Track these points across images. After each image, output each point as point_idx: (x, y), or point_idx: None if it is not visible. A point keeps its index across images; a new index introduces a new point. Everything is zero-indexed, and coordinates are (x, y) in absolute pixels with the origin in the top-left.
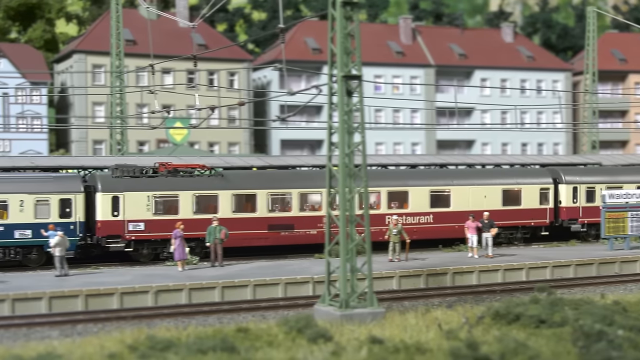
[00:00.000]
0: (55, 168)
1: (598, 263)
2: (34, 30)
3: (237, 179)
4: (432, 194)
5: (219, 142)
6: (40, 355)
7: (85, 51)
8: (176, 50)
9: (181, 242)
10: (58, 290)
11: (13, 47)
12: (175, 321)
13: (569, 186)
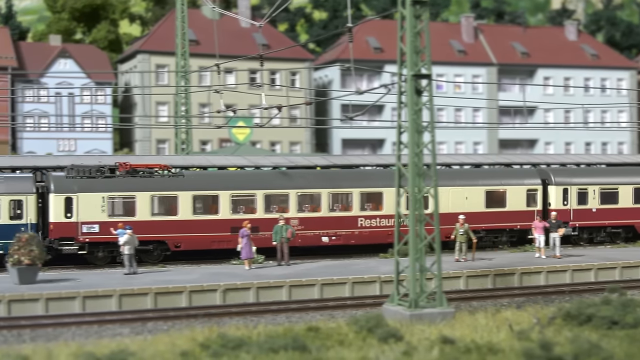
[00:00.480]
0: (12, 168)
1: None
2: (99, 31)
3: (198, 180)
4: (407, 195)
5: (281, 141)
6: (113, 352)
7: (149, 51)
8: (238, 50)
9: (248, 241)
10: (128, 288)
11: (78, 48)
12: (244, 319)
13: (558, 187)
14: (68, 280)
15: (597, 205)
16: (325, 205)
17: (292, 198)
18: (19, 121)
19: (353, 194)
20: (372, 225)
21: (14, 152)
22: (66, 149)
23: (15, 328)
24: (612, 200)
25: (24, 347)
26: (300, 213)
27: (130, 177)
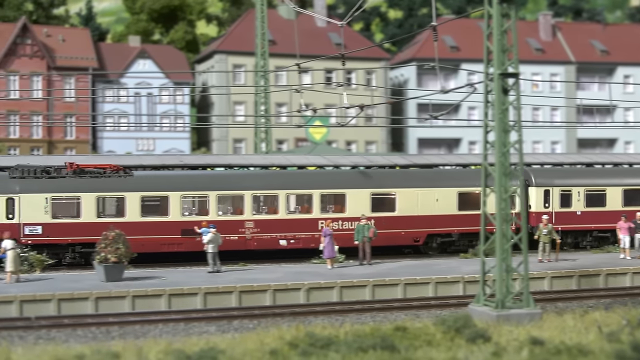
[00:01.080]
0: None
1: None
2: (176, 31)
3: (147, 181)
4: (373, 197)
5: (356, 140)
6: (202, 350)
7: (226, 51)
8: (314, 50)
9: (330, 240)
10: (213, 287)
11: (157, 49)
12: (328, 319)
13: (539, 189)
14: (153, 278)
15: (582, 208)
16: (283, 207)
17: (247, 199)
18: (99, 121)
19: (313, 195)
20: (333, 228)
21: (94, 152)
22: (145, 149)
23: (103, 325)
24: (599, 202)
25: (112, 343)
26: (255, 215)
27: (76, 177)
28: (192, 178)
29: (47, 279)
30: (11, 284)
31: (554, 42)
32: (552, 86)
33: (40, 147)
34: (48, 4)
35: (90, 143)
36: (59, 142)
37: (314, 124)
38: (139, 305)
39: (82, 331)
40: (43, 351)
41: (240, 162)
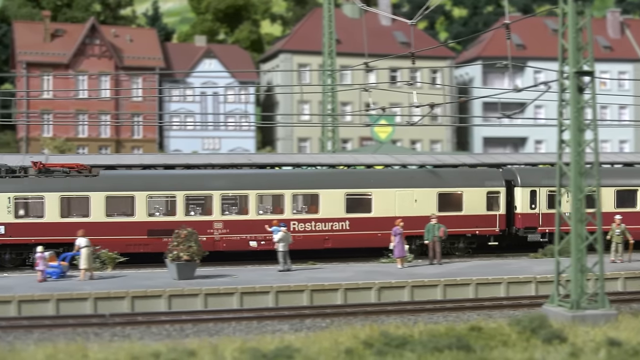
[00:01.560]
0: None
1: None
2: (241, 31)
3: (112, 180)
4: (348, 197)
5: (421, 139)
6: (278, 348)
7: (291, 51)
8: (379, 49)
9: (401, 239)
10: (284, 285)
11: (222, 48)
12: (401, 318)
13: (525, 189)
14: (225, 277)
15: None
16: (254, 208)
17: (216, 200)
18: (165, 120)
19: (285, 195)
20: (306, 229)
21: (161, 150)
22: (211, 148)
23: (177, 323)
24: (590, 203)
25: (187, 341)
26: (224, 216)
27: (40, 177)
28: (159, 178)
29: (119, 276)
30: (85, 281)
31: (623, 39)
32: (620, 84)
33: (108, 146)
34: (115, 4)
35: (157, 142)
36: (127, 141)
37: (380, 123)
38: (211, 304)
39: (157, 329)
40: (119, 348)
41: (309, 160)
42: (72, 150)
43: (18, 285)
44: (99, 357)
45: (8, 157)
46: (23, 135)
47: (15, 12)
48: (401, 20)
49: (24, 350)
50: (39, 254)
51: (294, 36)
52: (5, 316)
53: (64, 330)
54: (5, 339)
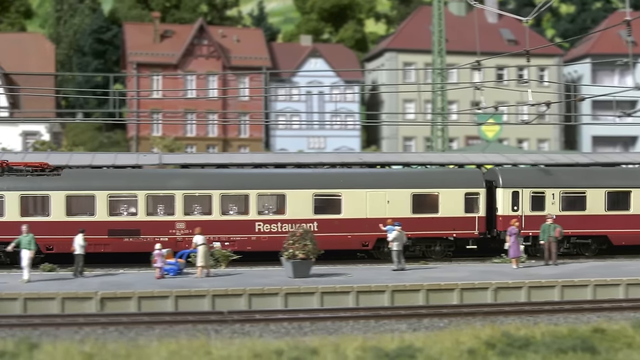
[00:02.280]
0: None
1: None
2: (345, 30)
3: (74, 179)
4: (316, 198)
5: (528, 138)
6: (400, 348)
7: (396, 49)
8: (485, 47)
9: (516, 239)
10: (400, 284)
11: (328, 47)
12: (519, 319)
13: (507, 190)
14: (339, 275)
15: (558, 212)
16: (217, 208)
17: (178, 199)
18: (271, 119)
19: (250, 195)
20: (272, 230)
21: (267, 149)
22: (316, 146)
23: (295, 320)
24: (579, 206)
25: (307, 339)
26: (187, 216)
27: (2, 176)
28: (119, 177)
29: (234, 274)
30: (202, 278)
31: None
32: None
33: (216, 145)
34: (222, 5)
35: (263, 141)
36: (234, 140)
37: (488, 122)
38: (327, 302)
39: (275, 326)
40: (242, 345)
41: (418, 160)
42: (180, 149)
43: (138, 281)
44: (222, 353)
45: (122, 155)
46: (133, 135)
47: (125, 14)
48: (512, 17)
49: (147, 346)
50: (157, 252)
51: (399, 35)
52: (126, 312)
53: (185, 326)
54: (127, 334)
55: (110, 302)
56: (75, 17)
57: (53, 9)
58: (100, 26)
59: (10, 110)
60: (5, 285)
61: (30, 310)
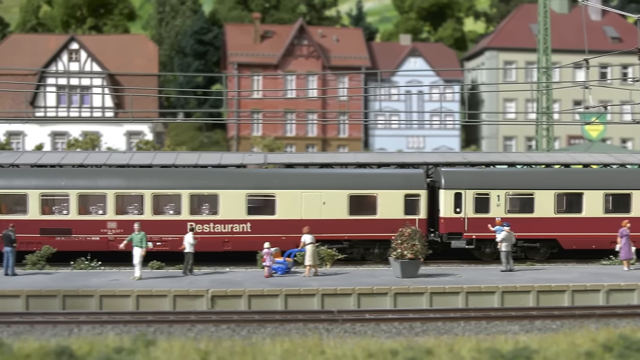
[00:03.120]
0: None
1: None
2: (444, 29)
3: (3, 178)
4: (249, 198)
5: (632, 138)
6: (515, 349)
7: (497, 48)
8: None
9: (627, 241)
10: (510, 285)
11: (427, 47)
12: (634, 322)
13: (449, 192)
14: (448, 276)
15: (504, 214)
16: (149, 208)
17: (110, 199)
18: (370, 119)
19: (182, 195)
20: (204, 231)
21: (366, 149)
22: (415, 146)
23: (406, 320)
24: (526, 208)
25: (419, 339)
26: (119, 215)
27: None
28: (52, 175)
29: (342, 273)
30: (310, 277)
31: None
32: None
33: (315, 145)
34: (320, 5)
35: (362, 141)
36: (333, 139)
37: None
38: (436, 302)
39: (386, 326)
40: (355, 345)
41: (525, 160)
42: (280, 148)
43: (247, 280)
44: (337, 353)
45: (228, 155)
46: (234, 134)
47: (225, 15)
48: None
49: (262, 344)
50: (266, 250)
51: (499, 33)
52: (237, 310)
53: (295, 325)
54: (239, 332)
55: (221, 300)
56: (176, 18)
57: (155, 11)
58: (201, 27)
59: (115, 110)
60: (117, 283)
61: (142, 307)
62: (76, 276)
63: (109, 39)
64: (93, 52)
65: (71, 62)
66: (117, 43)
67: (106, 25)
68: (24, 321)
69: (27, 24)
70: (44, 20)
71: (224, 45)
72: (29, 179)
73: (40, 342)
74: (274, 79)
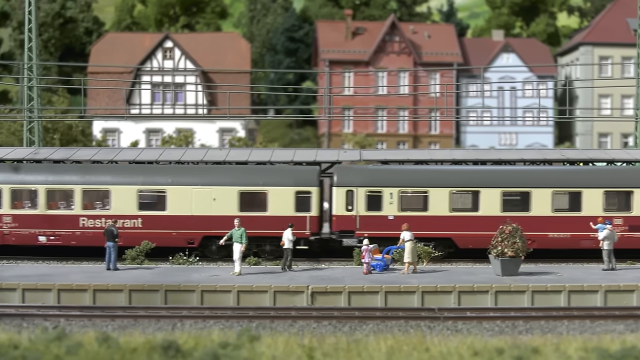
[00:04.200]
0: None
1: None
2: (537, 24)
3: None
4: (140, 194)
5: None
6: (624, 349)
7: (592, 43)
8: None
9: None
10: (613, 284)
11: (520, 42)
12: None
13: (341, 189)
14: (548, 274)
15: (396, 212)
16: (43, 202)
17: (5, 193)
18: (462, 115)
19: (75, 190)
20: (96, 225)
21: (457, 146)
22: (507, 143)
23: (508, 319)
24: (420, 206)
25: (523, 338)
26: (14, 210)
27: None
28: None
29: (440, 270)
30: (409, 274)
31: None
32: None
33: (406, 142)
34: (411, 1)
35: (454, 137)
36: (424, 136)
37: None
38: (537, 301)
39: (488, 324)
40: (460, 342)
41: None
42: (371, 145)
43: (346, 276)
44: (441, 350)
45: (323, 151)
46: (324, 131)
47: (315, 12)
48: None
49: (366, 341)
50: (365, 247)
51: (594, 28)
52: (337, 307)
53: (397, 322)
54: (341, 328)
55: (321, 296)
56: (267, 16)
57: (246, 9)
58: (292, 25)
59: (208, 107)
60: (216, 278)
61: (242, 302)
62: (176, 271)
63: (202, 37)
64: (187, 50)
65: (165, 60)
66: (210, 41)
67: (198, 24)
68: (127, 315)
69: (121, 23)
70: (138, 19)
71: (315, 42)
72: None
73: (146, 337)
74: (365, 75)
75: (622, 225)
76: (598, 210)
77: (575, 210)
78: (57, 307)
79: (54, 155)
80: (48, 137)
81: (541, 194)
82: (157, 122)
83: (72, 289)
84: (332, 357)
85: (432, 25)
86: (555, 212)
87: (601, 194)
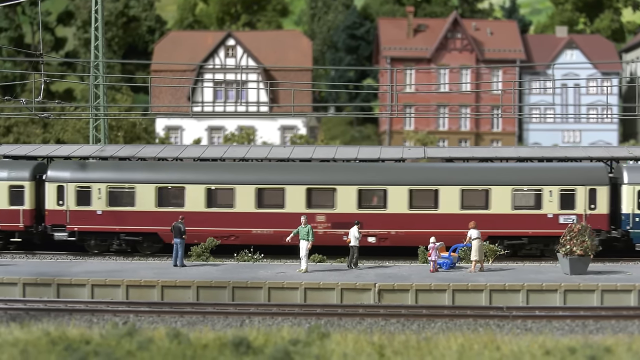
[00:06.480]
0: None
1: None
2: (601, 20)
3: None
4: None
5: None
6: None
7: None
8: None
9: None
10: None
11: (585, 39)
12: None
13: (52, 184)
14: (618, 273)
15: (105, 207)
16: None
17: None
18: (525, 112)
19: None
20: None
21: (520, 143)
22: (570, 140)
23: (578, 318)
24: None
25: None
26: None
27: None
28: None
29: (507, 269)
30: (476, 272)
31: None
32: None
33: (468, 139)
34: None
35: (516, 135)
36: (486, 134)
37: None
38: (607, 300)
39: (558, 323)
40: (531, 341)
41: None
42: (433, 143)
43: (412, 274)
44: (513, 349)
45: (387, 149)
46: (385, 129)
47: (377, 10)
48: None
49: (436, 339)
50: (432, 245)
51: None
52: (404, 304)
53: (465, 320)
54: (409, 326)
55: (387, 294)
56: (329, 13)
57: (308, 7)
58: (353, 22)
59: (269, 104)
60: (283, 275)
61: (309, 299)
62: (242, 268)
63: (264, 35)
64: (249, 48)
65: (228, 58)
66: (272, 39)
67: (259, 22)
68: (196, 311)
69: (183, 21)
70: (199, 17)
71: (377, 40)
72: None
73: (216, 333)
74: (427, 72)
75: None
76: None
77: None
78: (126, 303)
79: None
80: (112, 134)
81: None
82: (220, 119)
83: (141, 285)
84: (403, 355)
85: (495, 22)
86: None
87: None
